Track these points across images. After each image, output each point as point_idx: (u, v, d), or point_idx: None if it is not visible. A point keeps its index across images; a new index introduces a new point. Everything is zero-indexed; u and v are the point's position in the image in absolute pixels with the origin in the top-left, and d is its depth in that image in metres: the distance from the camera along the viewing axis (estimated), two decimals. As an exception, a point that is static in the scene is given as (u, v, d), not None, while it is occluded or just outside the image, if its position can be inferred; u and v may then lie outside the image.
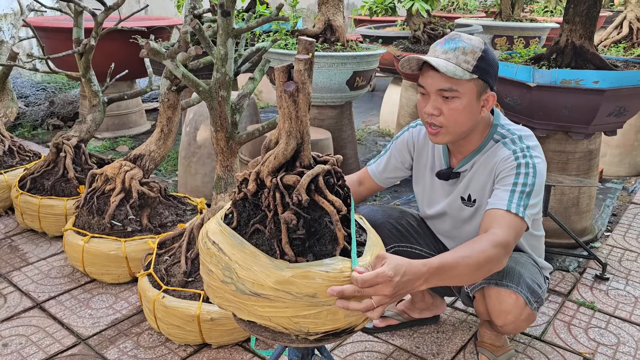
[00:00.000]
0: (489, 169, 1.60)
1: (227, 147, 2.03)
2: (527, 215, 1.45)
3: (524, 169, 1.50)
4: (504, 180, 1.53)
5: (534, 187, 1.48)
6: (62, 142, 2.76)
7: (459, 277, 1.30)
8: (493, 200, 1.50)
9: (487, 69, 1.50)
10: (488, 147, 1.62)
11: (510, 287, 1.55)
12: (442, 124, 1.53)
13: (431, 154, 1.77)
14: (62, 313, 2.12)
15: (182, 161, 3.23)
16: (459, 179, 1.70)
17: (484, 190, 1.63)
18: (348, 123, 3.35)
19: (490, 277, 1.57)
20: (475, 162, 1.64)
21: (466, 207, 1.70)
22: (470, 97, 1.50)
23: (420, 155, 1.80)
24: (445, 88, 1.49)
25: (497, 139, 1.61)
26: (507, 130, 1.62)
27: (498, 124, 1.63)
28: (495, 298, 1.57)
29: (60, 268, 2.46)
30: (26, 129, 4.59)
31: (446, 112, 1.51)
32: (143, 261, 2.09)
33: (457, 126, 1.54)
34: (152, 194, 2.38)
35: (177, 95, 2.42)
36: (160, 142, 2.46)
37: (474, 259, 1.30)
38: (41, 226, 2.71)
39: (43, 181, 2.75)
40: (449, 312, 2.18)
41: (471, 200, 1.69)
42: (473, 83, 1.49)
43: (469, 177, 1.66)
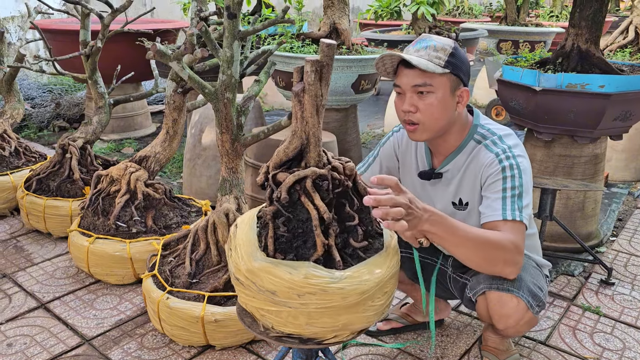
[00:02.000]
0: (475, 173, 1.62)
1: (232, 149, 2.03)
2: (525, 217, 1.49)
3: (509, 172, 1.53)
4: (492, 187, 1.56)
5: (523, 188, 1.52)
6: (67, 143, 2.77)
7: (462, 243, 1.37)
8: (487, 212, 1.53)
9: (458, 65, 1.54)
10: (470, 148, 1.64)
11: (512, 291, 1.55)
12: (419, 120, 1.57)
13: (414, 156, 1.79)
14: (67, 313, 2.13)
15: (187, 163, 3.23)
16: (441, 179, 1.72)
17: (473, 194, 1.65)
18: (353, 126, 3.35)
19: (492, 281, 1.57)
20: (458, 163, 1.66)
21: (458, 211, 1.71)
22: (444, 91, 1.54)
23: (405, 158, 1.82)
24: (420, 83, 1.53)
25: (478, 139, 1.64)
26: (487, 131, 1.64)
27: (478, 124, 1.66)
28: (497, 302, 1.57)
29: (65, 269, 2.47)
30: (32, 131, 4.61)
31: (422, 107, 1.55)
32: (148, 262, 2.10)
33: (434, 121, 1.57)
34: (157, 196, 2.39)
35: (182, 97, 2.42)
36: (165, 144, 2.47)
37: (484, 235, 1.40)
38: (46, 227, 2.72)
39: (49, 182, 2.76)
40: (453, 315, 2.17)
41: (463, 203, 1.70)
42: (446, 78, 1.54)
43: (458, 181, 1.68)
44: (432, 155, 1.75)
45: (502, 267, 1.47)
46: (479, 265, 1.47)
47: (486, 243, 1.40)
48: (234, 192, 2.06)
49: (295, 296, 1.17)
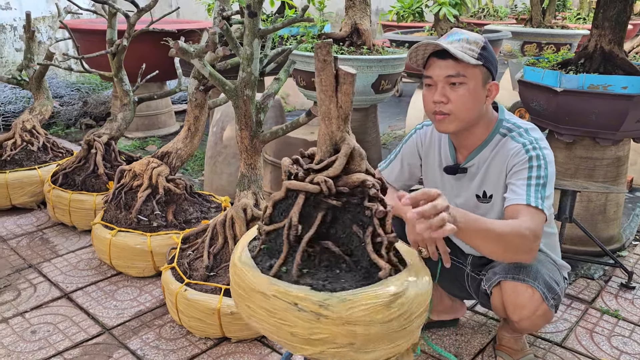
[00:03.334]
0: (501, 163, 1.63)
1: (251, 146, 2.07)
2: (546, 206, 1.50)
3: (536, 162, 1.54)
4: (518, 174, 1.56)
5: (547, 178, 1.53)
6: (93, 139, 2.85)
7: (487, 238, 1.37)
8: (511, 196, 1.53)
9: (490, 58, 1.58)
10: (495, 142, 1.66)
11: (527, 281, 1.56)
12: (450, 111, 1.58)
13: (438, 152, 1.80)
14: (89, 303, 2.19)
15: (208, 161, 3.29)
16: (466, 174, 1.73)
17: (498, 185, 1.65)
18: (373, 126, 3.36)
19: (507, 271, 1.58)
20: (483, 156, 1.67)
21: (482, 204, 1.72)
22: (476, 83, 1.57)
23: (428, 154, 1.83)
24: (454, 74, 1.55)
25: (504, 132, 1.65)
26: (513, 124, 1.66)
27: (503, 118, 1.68)
28: (512, 292, 1.57)
29: (88, 260, 2.53)
30: (60, 128, 4.74)
31: (454, 98, 1.57)
32: (167, 255, 2.14)
33: (464, 112, 1.59)
34: (177, 191, 2.44)
35: (204, 95, 2.47)
36: (187, 141, 2.52)
37: (504, 225, 1.41)
38: (71, 220, 2.79)
39: (74, 177, 2.84)
40: (469, 315, 2.17)
41: (487, 196, 1.71)
42: (478, 69, 1.56)
43: (483, 173, 1.68)
44: (456, 151, 1.76)
45: (522, 254, 1.48)
46: (499, 255, 1.48)
47: (507, 233, 1.41)
48: (252, 187, 2.09)
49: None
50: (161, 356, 1.89)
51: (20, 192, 3.01)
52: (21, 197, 3.02)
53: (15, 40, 5.43)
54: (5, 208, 3.04)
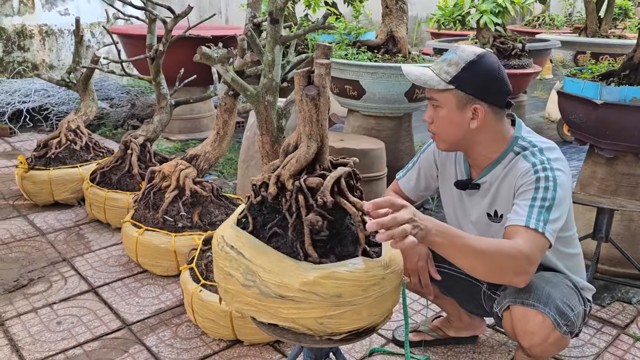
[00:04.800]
0: (510, 183, 1.57)
1: (272, 151, 2.08)
2: (548, 230, 1.41)
3: (544, 183, 1.47)
4: (523, 195, 1.50)
5: (554, 201, 1.44)
6: (130, 140, 2.95)
7: (469, 253, 1.33)
8: (512, 216, 1.47)
9: (469, 80, 1.50)
10: (508, 160, 1.59)
11: (537, 307, 1.48)
12: (434, 132, 1.61)
13: (454, 165, 1.76)
14: (113, 299, 2.26)
15: (241, 164, 3.34)
16: (478, 190, 1.68)
17: (508, 205, 1.59)
18: (406, 135, 3.32)
19: (517, 295, 1.51)
20: (495, 174, 1.62)
21: (493, 224, 1.67)
22: (449, 107, 1.54)
23: (444, 166, 1.79)
24: (429, 97, 1.57)
25: (518, 151, 1.59)
26: (529, 143, 1.59)
27: (519, 136, 1.61)
28: (521, 317, 1.50)
29: (118, 257, 2.62)
30: (108, 128, 4.93)
31: (435, 120, 1.58)
32: (187, 256, 2.19)
33: (445, 134, 1.58)
34: (204, 193, 2.48)
35: (233, 100, 2.51)
36: (215, 144, 2.57)
37: (491, 245, 1.36)
38: (106, 217, 2.90)
39: (111, 176, 2.95)
40: (489, 333, 2.09)
41: (498, 215, 1.66)
42: (450, 94, 1.52)
43: (494, 192, 1.63)
44: (470, 166, 1.71)
45: (512, 277, 1.40)
46: (482, 273, 1.40)
47: (493, 253, 1.35)
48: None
49: (360, 292, 1.19)
50: (174, 354, 1.92)
51: (62, 188, 3.15)
52: (63, 194, 3.16)
53: (72, 44, 5.71)
54: (48, 203, 3.18)
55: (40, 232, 2.88)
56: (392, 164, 3.09)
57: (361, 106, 3.21)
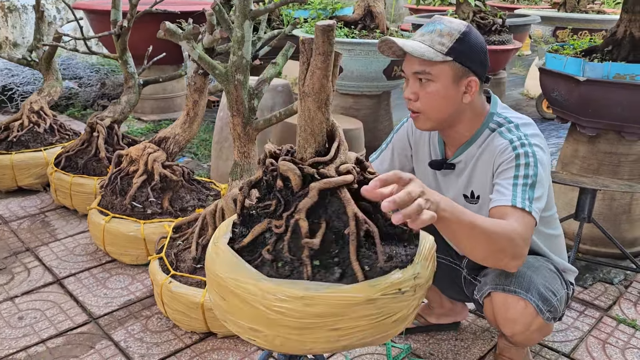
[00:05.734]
0: (487, 161, 1.49)
1: (244, 133, 1.97)
2: (534, 209, 1.35)
3: (524, 159, 1.39)
4: (504, 173, 1.42)
5: (537, 178, 1.38)
6: (95, 122, 2.80)
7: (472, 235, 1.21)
8: (496, 197, 1.39)
9: (466, 52, 1.41)
10: (483, 137, 1.51)
11: (519, 292, 1.42)
12: (419, 109, 1.46)
13: (428, 144, 1.67)
14: (79, 291, 2.15)
15: (214, 146, 3.21)
16: (453, 170, 1.60)
17: (485, 185, 1.52)
18: (385, 114, 3.22)
19: (497, 281, 1.45)
20: (470, 153, 1.54)
21: (470, 205, 1.59)
22: (445, 81, 1.42)
23: (418, 146, 1.70)
24: (419, 71, 1.42)
25: (493, 127, 1.51)
26: (504, 119, 1.51)
27: (494, 112, 1.53)
28: (502, 304, 1.44)
29: (85, 246, 2.50)
30: (77, 109, 4.74)
31: (422, 96, 1.44)
32: (156, 244, 2.08)
33: (434, 112, 1.46)
34: (174, 177, 2.36)
35: (203, 79, 2.38)
36: (185, 126, 2.44)
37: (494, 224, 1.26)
38: (72, 203, 2.76)
39: (77, 160, 2.81)
40: (471, 319, 2.04)
41: (475, 196, 1.58)
42: (448, 66, 1.41)
43: (470, 172, 1.55)
44: (445, 145, 1.63)
45: (508, 260, 1.31)
46: (485, 257, 1.31)
47: (496, 233, 1.25)
48: (245, 177, 2.00)
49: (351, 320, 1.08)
50: (144, 349, 1.83)
51: (26, 173, 2.99)
52: (27, 179, 3.00)
53: (36, 20, 5.44)
54: (11, 189, 3.03)
55: (3, 220, 2.74)
56: (371, 144, 3.00)
57: (338, 84, 3.10)
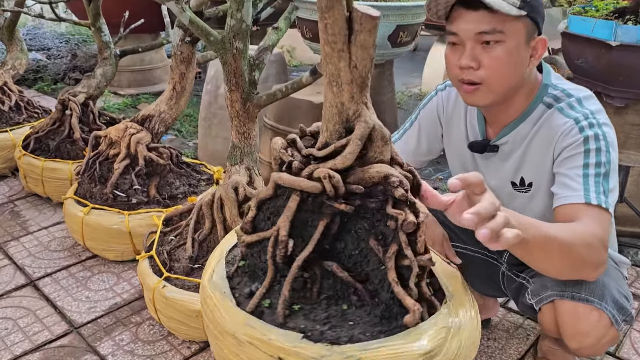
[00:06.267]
0: (545, 144, 1.26)
1: (243, 111, 1.70)
2: (610, 204, 1.14)
3: (594, 143, 1.17)
4: (570, 161, 1.20)
5: (610, 166, 1.17)
6: (67, 98, 2.48)
7: (549, 250, 1.01)
8: (564, 192, 1.17)
9: (535, 5, 1.18)
10: (537, 114, 1.28)
11: (592, 301, 1.20)
12: (481, 80, 1.21)
13: (464, 121, 1.44)
14: (57, 294, 1.88)
15: (202, 123, 2.93)
16: (496, 153, 1.37)
17: (541, 171, 1.29)
18: (388, 85, 2.96)
19: (563, 287, 1.23)
20: (521, 133, 1.30)
21: (519, 194, 1.37)
22: (518, 41, 1.17)
23: (451, 124, 1.46)
24: (487, 30, 1.16)
25: (549, 102, 1.27)
26: (562, 92, 1.27)
27: (549, 83, 1.29)
28: (571, 315, 1.22)
29: (62, 240, 2.22)
30: (47, 83, 4.36)
31: (487, 62, 1.19)
32: (145, 240, 1.81)
33: (502, 81, 1.21)
34: (161, 161, 2.08)
35: (191, 48, 2.08)
36: (171, 102, 2.15)
37: (573, 234, 1.04)
38: (45, 191, 2.47)
39: (48, 141, 2.50)
40: (501, 313, 1.84)
41: (525, 184, 1.35)
42: (522, 22, 1.17)
43: (520, 155, 1.33)
44: (486, 122, 1.39)
45: (590, 271, 1.12)
46: (560, 271, 1.12)
47: (573, 243, 1.04)
48: (246, 161, 1.74)
49: None
50: (136, 363, 1.59)
51: (-9, 157, 2.67)
52: (-8, 164, 2.69)
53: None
54: (-25, 175, 2.71)
55: (-34, 211, 2.44)
56: (374, 118, 2.74)
57: (338, 53, 2.81)
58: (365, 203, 0.87)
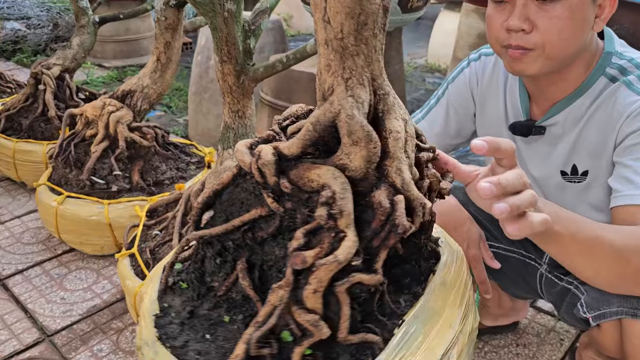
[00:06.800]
0: (607, 126, 1.03)
1: (237, 85, 1.46)
2: None
3: None
4: (637, 150, 0.98)
5: None
6: (40, 71, 2.22)
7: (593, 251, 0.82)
8: (625, 189, 0.97)
9: None
10: (598, 89, 1.05)
11: None
12: (535, 45, 0.98)
13: (502, 98, 1.21)
14: (28, 295, 1.66)
15: (192, 97, 2.68)
16: (543, 136, 1.14)
17: (599, 158, 1.07)
18: (396, 55, 2.71)
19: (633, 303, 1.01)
20: (576, 112, 1.08)
21: (570, 184, 1.15)
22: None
23: (485, 101, 1.24)
24: None
25: (613, 75, 1.04)
26: (629, 62, 1.04)
27: (612, 51, 1.05)
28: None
29: (36, 230, 1.99)
30: (26, 55, 4.07)
31: (543, 25, 0.96)
32: (125, 236, 1.58)
33: (560, 46, 0.98)
34: (144, 143, 1.84)
35: (177, 13, 1.82)
36: (156, 75, 1.89)
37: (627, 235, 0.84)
38: (18, 175, 2.23)
39: (20, 120, 2.25)
40: (530, 314, 1.63)
41: (578, 173, 1.13)
42: None
43: (574, 138, 1.10)
44: (531, 99, 1.16)
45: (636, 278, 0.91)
46: (612, 282, 0.91)
47: (627, 246, 0.83)
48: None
49: None
50: (117, 378, 1.38)
51: (-41, 137, 2.42)
52: (-40, 144, 2.43)
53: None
54: (-57, 157, 2.46)
55: None
56: (382, 92, 2.49)
57: (341, 20, 2.55)
58: (297, 209, 0.67)
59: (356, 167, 0.67)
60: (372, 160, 0.67)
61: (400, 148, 0.69)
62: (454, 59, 3.63)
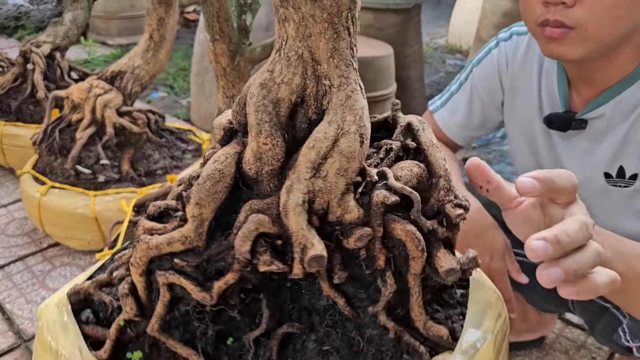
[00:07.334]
0: None
1: (231, 67, 1.30)
2: None
3: None
4: None
5: None
6: (29, 49, 2.07)
7: None
8: None
9: None
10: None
11: None
12: (576, 23, 0.81)
13: (537, 86, 1.04)
14: (8, 293, 1.54)
15: (194, 79, 2.51)
16: (584, 131, 0.97)
17: None
18: (415, 35, 2.51)
19: None
20: (623, 104, 0.91)
21: (615, 189, 0.98)
22: None
23: (517, 87, 1.06)
24: None
25: None
26: None
27: None
28: None
29: (21, 222, 1.86)
30: (28, 31, 3.93)
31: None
32: (109, 233, 1.44)
33: (607, 26, 0.81)
34: (135, 129, 1.68)
35: (171, -15, 1.65)
36: (148, 55, 1.73)
37: None
38: (6, 160, 2.10)
39: (9, 101, 2.10)
40: (558, 328, 1.46)
41: (625, 176, 0.95)
42: None
43: (622, 135, 0.93)
44: (571, 88, 0.98)
45: None
46: None
47: None
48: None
49: None
50: (95, 393, 1.24)
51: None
52: (-52, 126, 2.31)
53: None
54: None
55: None
56: (398, 73, 2.30)
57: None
58: None
59: (246, 161, 0.63)
60: (264, 161, 0.61)
61: (309, 161, 0.56)
62: (477, 40, 3.40)
